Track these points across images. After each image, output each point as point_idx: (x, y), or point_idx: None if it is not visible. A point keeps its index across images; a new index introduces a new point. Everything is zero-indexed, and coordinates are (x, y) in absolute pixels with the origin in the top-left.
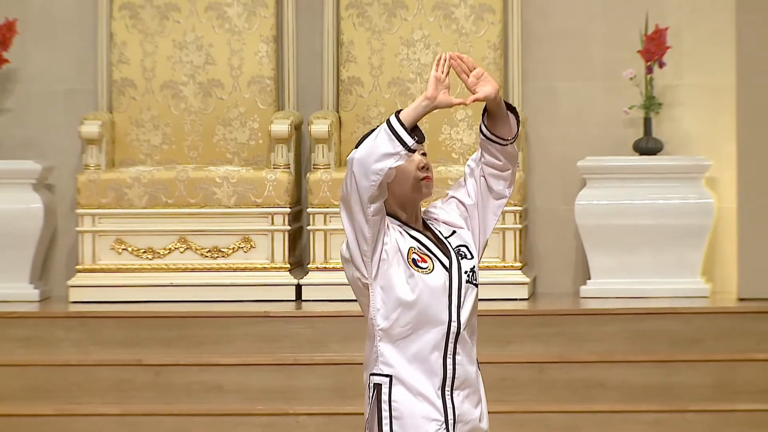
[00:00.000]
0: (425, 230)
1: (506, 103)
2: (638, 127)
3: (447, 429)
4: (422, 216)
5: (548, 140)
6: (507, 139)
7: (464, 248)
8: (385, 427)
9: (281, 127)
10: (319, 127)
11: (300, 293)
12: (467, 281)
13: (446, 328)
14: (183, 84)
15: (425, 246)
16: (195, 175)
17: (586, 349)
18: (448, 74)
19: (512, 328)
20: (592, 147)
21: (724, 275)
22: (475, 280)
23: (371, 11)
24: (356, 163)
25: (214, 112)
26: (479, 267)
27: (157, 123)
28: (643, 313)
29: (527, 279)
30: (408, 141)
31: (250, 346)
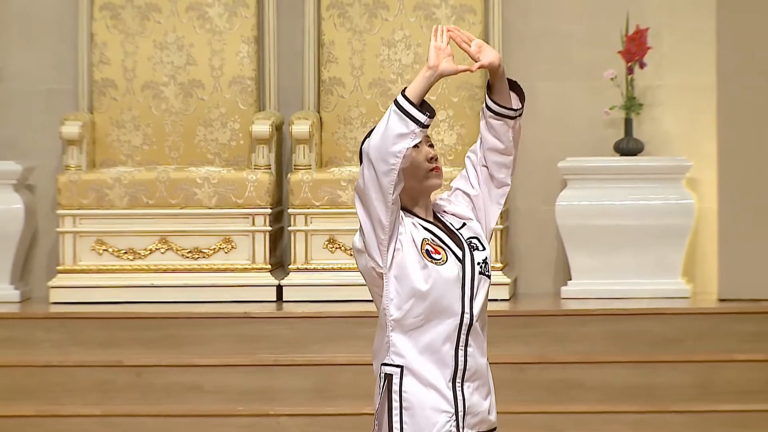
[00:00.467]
0: (437, 222)
1: (509, 80)
2: (619, 128)
3: (457, 421)
4: (433, 208)
5: (529, 141)
6: (516, 110)
7: (475, 240)
8: (395, 418)
9: (262, 128)
10: (300, 128)
11: (281, 294)
12: (480, 273)
13: (459, 320)
14: (164, 84)
15: (438, 237)
16: (176, 176)
17: (567, 350)
18: (449, 43)
19: (493, 329)
20: (573, 148)
21: (705, 276)
22: (488, 272)
23: (352, 12)
24: (373, 151)
25: (195, 113)
26: None
27: (138, 123)
28: (624, 314)
29: (508, 279)
30: (420, 117)
31: (231, 347)
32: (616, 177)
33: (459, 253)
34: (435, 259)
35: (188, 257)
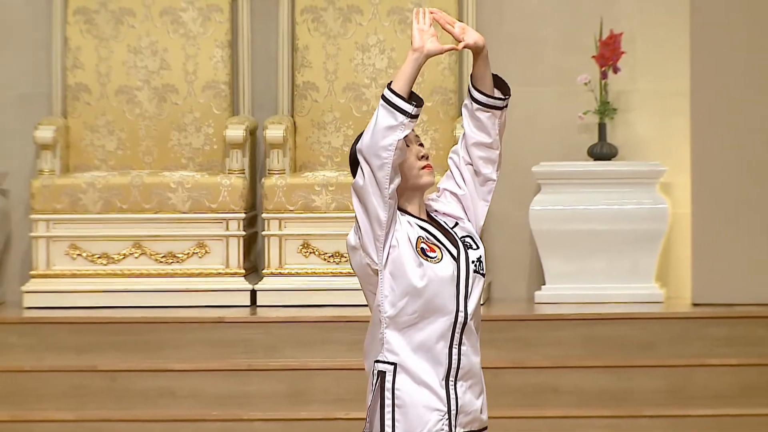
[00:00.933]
0: (431, 221)
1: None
2: (593, 133)
3: (449, 419)
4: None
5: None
6: (503, 98)
7: (469, 238)
8: (387, 415)
9: (236, 133)
10: (274, 133)
11: (255, 299)
12: (474, 271)
13: (453, 318)
14: (138, 89)
15: (433, 236)
16: (150, 181)
17: (541, 355)
18: (432, 25)
19: None
20: (547, 152)
21: (679, 280)
22: (482, 270)
23: (326, 16)
24: (365, 147)
25: (169, 117)
26: None
27: (112, 128)
28: (598, 319)
29: None
30: (407, 108)
31: (205, 352)
32: (590, 182)
33: (454, 252)
34: (430, 257)
35: (162, 262)
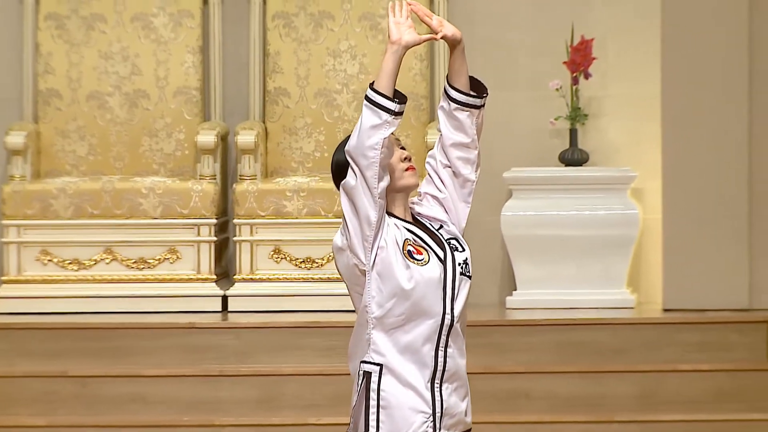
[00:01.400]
0: (416, 223)
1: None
2: (564, 138)
3: (434, 422)
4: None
5: None
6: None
7: (454, 241)
8: (372, 416)
9: (207, 138)
10: (246, 138)
11: (226, 304)
12: (461, 273)
13: (440, 321)
14: (109, 94)
15: (420, 238)
16: (121, 186)
17: (512, 360)
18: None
19: None
20: (518, 158)
21: (650, 286)
22: (469, 272)
23: (298, 22)
24: (352, 149)
25: (140, 123)
26: None
27: (83, 134)
28: (569, 324)
29: None
30: (390, 105)
31: (177, 358)
32: (562, 187)
33: (440, 254)
34: (417, 260)
35: (133, 267)
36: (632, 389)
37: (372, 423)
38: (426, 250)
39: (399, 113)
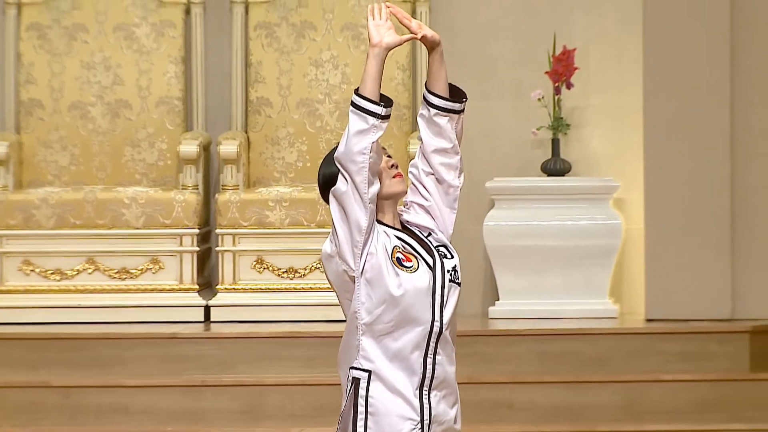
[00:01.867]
0: (405, 230)
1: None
2: (546, 148)
3: (422, 429)
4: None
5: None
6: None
7: (443, 248)
8: (360, 422)
9: (190, 148)
10: (228, 148)
11: (209, 314)
12: (450, 280)
13: (429, 328)
14: (91, 104)
15: (409, 245)
16: (103, 196)
17: (495, 370)
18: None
19: None
20: (500, 168)
21: (632, 296)
22: (458, 279)
23: (280, 32)
24: (340, 155)
25: (123, 133)
26: None
27: (65, 144)
28: (552, 334)
29: None
30: (376, 109)
31: (159, 368)
32: (544, 197)
33: (430, 261)
34: (406, 267)
35: (116, 278)
36: (615, 399)
37: (360, 429)
38: (415, 257)
39: (386, 117)
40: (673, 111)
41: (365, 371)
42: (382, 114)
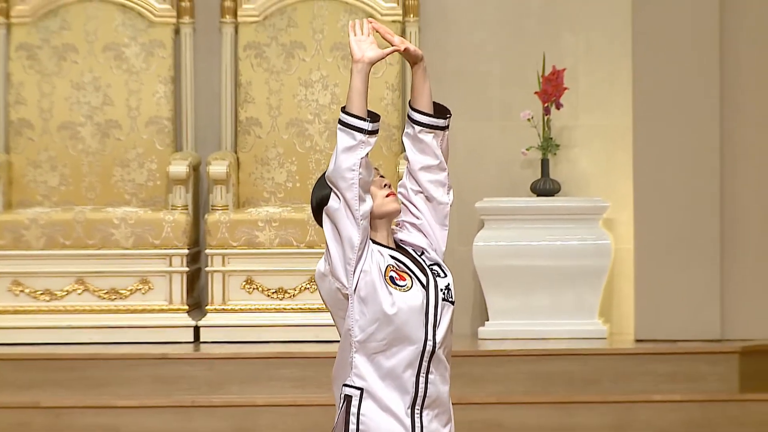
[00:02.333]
0: (399, 249)
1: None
2: (536, 168)
3: None
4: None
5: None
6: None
7: (436, 266)
8: None
9: (179, 168)
10: (217, 168)
11: (198, 335)
12: (444, 299)
13: (422, 347)
14: (80, 125)
15: (403, 263)
16: (93, 217)
17: (485, 391)
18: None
19: None
20: (490, 188)
21: (622, 316)
22: (451, 298)
23: (269, 52)
24: (330, 174)
25: (112, 153)
26: None
27: (55, 164)
28: (541, 355)
29: None
30: (362, 125)
31: (149, 388)
32: (533, 217)
33: (423, 280)
34: (399, 286)
35: (105, 298)
36: (604, 420)
37: None
38: (409, 276)
39: (373, 132)
40: (663, 131)
41: (357, 389)
42: (369, 129)
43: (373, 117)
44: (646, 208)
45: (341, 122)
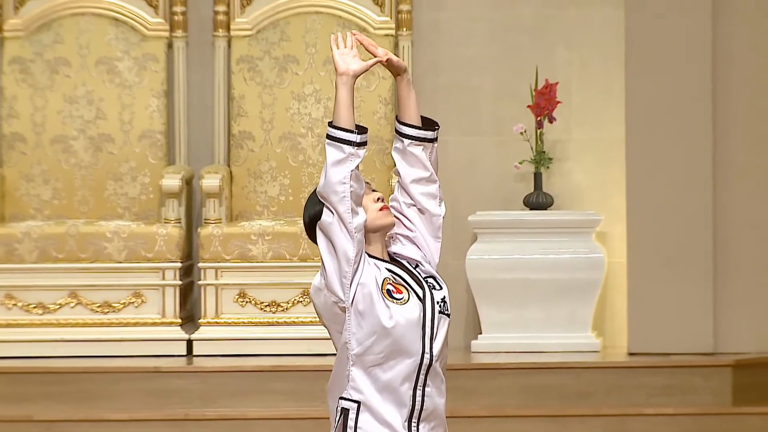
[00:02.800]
0: (394, 262)
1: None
2: (529, 182)
3: None
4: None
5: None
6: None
7: (432, 279)
8: None
9: (172, 182)
10: (210, 182)
11: (191, 348)
12: (440, 312)
13: (419, 360)
14: (73, 138)
15: (400, 276)
16: (85, 230)
17: (478, 404)
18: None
19: None
20: (483, 201)
21: (615, 330)
22: (447, 311)
23: (262, 66)
24: (321, 188)
25: (105, 167)
26: None
27: (48, 177)
28: (534, 368)
29: None
30: (351, 138)
31: (142, 402)
32: (526, 231)
33: (419, 292)
34: (396, 299)
35: (98, 311)
36: None
37: None
38: (405, 289)
39: (362, 144)
40: (656, 145)
41: (354, 402)
42: (358, 141)
43: (361, 129)
44: (639, 222)
45: (329, 136)
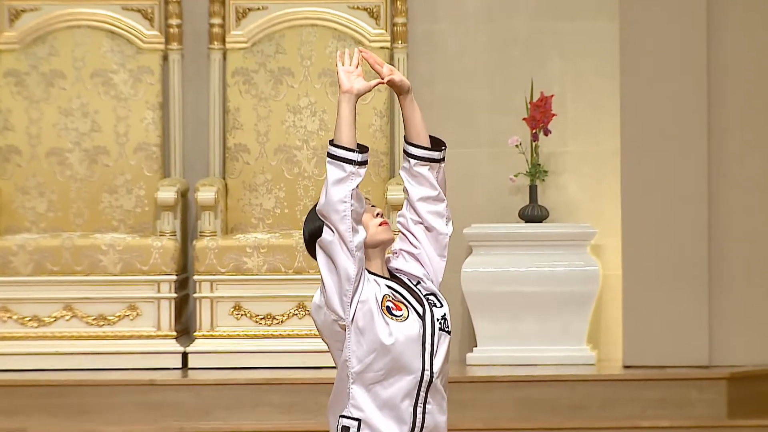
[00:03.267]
0: (394, 279)
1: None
2: (524, 194)
3: None
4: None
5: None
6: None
7: (432, 296)
8: None
9: (167, 195)
10: (206, 195)
11: (186, 361)
12: (440, 329)
13: (419, 377)
14: (69, 151)
15: (399, 293)
16: (81, 243)
17: (473, 417)
18: (360, 65)
19: None
20: (478, 214)
21: (610, 342)
22: (448, 328)
23: (257, 78)
24: (322, 207)
25: (100, 179)
26: None
27: (43, 190)
28: (529, 381)
29: None
30: (352, 156)
31: (136, 415)
32: (522, 244)
33: (419, 310)
34: (396, 316)
35: (93, 324)
36: None
37: None
38: (405, 306)
39: (363, 163)
40: (651, 157)
41: (355, 420)
42: (359, 160)
43: (362, 148)
44: (634, 234)
45: (330, 155)
